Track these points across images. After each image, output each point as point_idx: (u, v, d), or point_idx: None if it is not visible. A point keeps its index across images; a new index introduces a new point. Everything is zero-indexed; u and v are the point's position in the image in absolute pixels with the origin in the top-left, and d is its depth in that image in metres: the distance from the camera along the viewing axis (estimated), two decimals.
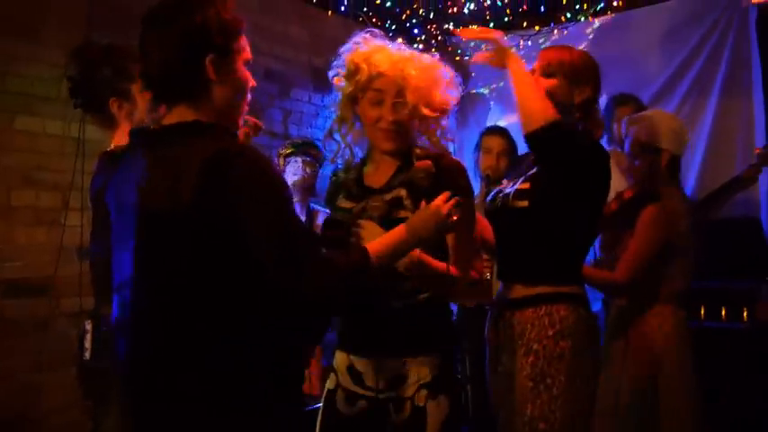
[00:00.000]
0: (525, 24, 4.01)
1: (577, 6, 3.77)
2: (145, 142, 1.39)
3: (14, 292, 2.85)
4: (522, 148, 3.02)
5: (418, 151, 1.75)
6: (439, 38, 4.31)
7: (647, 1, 3.89)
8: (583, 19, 3.96)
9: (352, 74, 1.71)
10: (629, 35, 4.05)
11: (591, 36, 4.05)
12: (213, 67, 1.34)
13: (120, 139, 2.05)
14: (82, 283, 2.94)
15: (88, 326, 1.86)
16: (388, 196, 1.69)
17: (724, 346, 3.17)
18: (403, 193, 1.68)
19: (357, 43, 1.76)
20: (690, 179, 3.87)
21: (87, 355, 1.85)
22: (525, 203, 1.89)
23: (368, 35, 1.78)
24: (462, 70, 4.33)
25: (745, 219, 3.72)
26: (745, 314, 3.34)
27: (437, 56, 1.82)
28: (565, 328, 1.81)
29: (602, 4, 3.79)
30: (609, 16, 3.99)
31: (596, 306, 4.13)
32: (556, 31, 4.04)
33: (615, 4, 3.79)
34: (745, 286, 3.41)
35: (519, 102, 1.87)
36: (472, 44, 4.39)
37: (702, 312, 3.40)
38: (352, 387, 1.71)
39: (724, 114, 3.89)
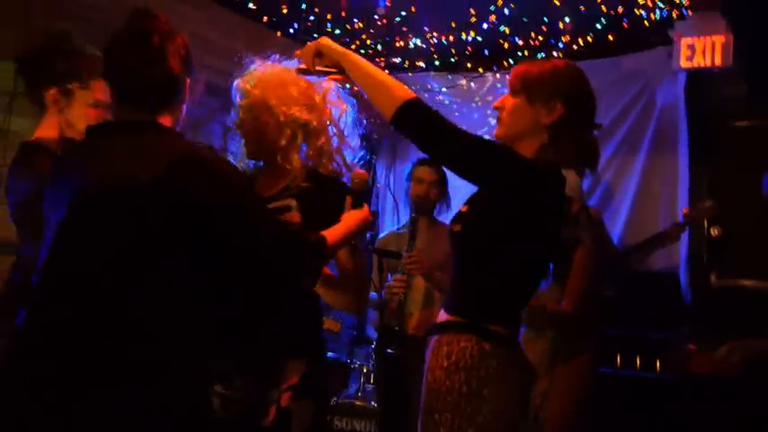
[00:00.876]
0: (470, 66, 4.11)
1: (519, 54, 3.90)
2: (104, 134, 1.49)
3: None
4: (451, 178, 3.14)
5: (322, 171, 1.87)
6: (386, 71, 4.37)
7: (584, 56, 4.04)
8: None
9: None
10: None
11: None
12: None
13: (46, 131, 2.03)
14: None
15: None
16: (275, 204, 1.78)
17: (635, 395, 3.23)
18: (293, 203, 1.79)
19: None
20: (616, 229, 3.99)
21: None
22: (458, 227, 1.71)
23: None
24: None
25: (664, 273, 3.85)
26: (657, 364, 3.44)
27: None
28: (460, 360, 1.57)
29: (542, 54, 3.92)
30: None
31: None
32: (498, 75, 4.16)
33: (555, 54, 3.93)
34: (660, 337, 3.50)
35: (368, 95, 1.65)
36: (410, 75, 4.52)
37: (618, 360, 3.48)
38: (224, 391, 1.72)
39: (651, 170, 4.06)
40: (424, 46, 4.01)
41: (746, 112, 3.88)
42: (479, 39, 3.79)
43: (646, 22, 3.59)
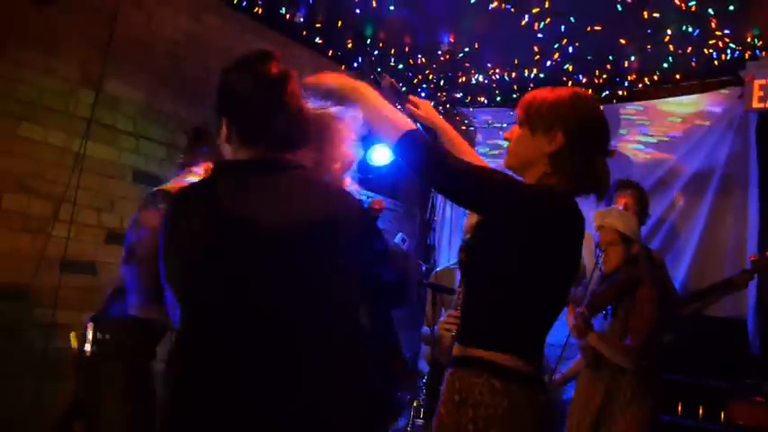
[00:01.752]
0: None
1: (589, 90, 3.86)
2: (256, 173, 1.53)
3: None
4: None
5: None
6: (447, 105, 4.41)
7: (650, 96, 3.99)
8: None
9: None
10: (633, 125, 4.14)
11: None
12: None
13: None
14: (58, 296, 2.99)
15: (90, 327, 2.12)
16: None
17: None
18: None
19: None
20: (680, 272, 3.87)
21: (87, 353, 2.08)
22: (464, 257, 1.69)
23: None
24: (468, 136, 4.46)
25: (732, 320, 3.70)
26: (722, 415, 3.28)
27: None
28: (469, 396, 1.53)
29: (606, 93, 3.88)
30: (614, 105, 4.08)
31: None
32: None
33: (620, 93, 3.88)
34: (724, 387, 3.35)
35: (373, 126, 1.67)
36: (471, 110, 4.52)
37: (680, 408, 3.35)
38: None
39: (718, 212, 3.93)
40: (486, 81, 4.03)
41: None
42: (542, 75, 3.78)
43: (716, 62, 3.51)
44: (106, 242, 3.26)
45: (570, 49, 3.37)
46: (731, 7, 3.08)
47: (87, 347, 2.06)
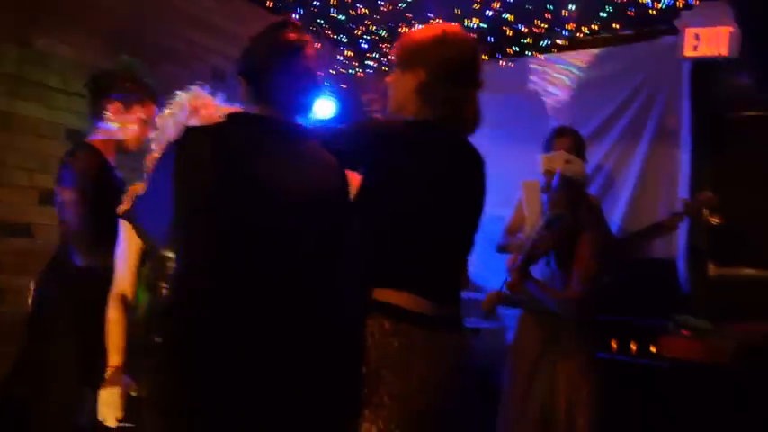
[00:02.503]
0: None
1: (523, 41, 3.90)
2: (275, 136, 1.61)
3: None
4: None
5: None
6: (388, 57, 4.38)
7: (589, 45, 4.04)
8: (528, 53, 4.08)
9: None
10: (570, 74, 4.20)
11: (535, 70, 4.19)
12: None
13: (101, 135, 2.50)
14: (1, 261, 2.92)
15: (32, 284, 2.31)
16: None
17: (631, 380, 3.27)
18: None
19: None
20: (615, 218, 4.01)
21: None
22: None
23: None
24: None
25: (663, 261, 3.87)
26: (653, 350, 3.47)
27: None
28: (366, 339, 1.59)
29: (547, 41, 3.92)
30: (554, 54, 4.13)
31: None
32: (501, 62, 4.16)
33: (559, 42, 3.93)
34: (656, 324, 3.52)
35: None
36: None
37: (614, 345, 3.52)
38: None
39: (652, 159, 4.06)
40: None
41: (751, 102, 3.87)
42: (483, 26, 3.78)
43: (651, 11, 3.57)
44: (39, 203, 3.16)
45: (511, 0, 3.39)
46: None
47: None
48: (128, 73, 2.50)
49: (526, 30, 3.80)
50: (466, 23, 3.74)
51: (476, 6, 3.52)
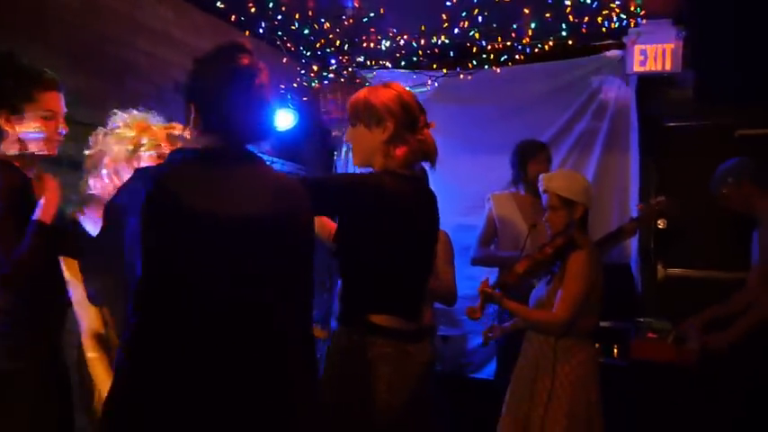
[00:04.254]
0: (435, 66, 4.21)
1: (484, 56, 4.02)
2: (217, 163, 1.55)
3: None
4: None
5: None
6: (350, 69, 4.41)
7: (544, 58, 4.21)
8: (487, 67, 4.21)
9: None
10: (526, 86, 4.37)
11: (494, 83, 4.32)
12: None
13: (6, 149, 2.08)
14: None
15: None
16: None
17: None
18: None
19: None
20: None
21: None
22: (334, 245, 2.05)
23: None
24: None
25: (617, 265, 4.09)
26: (615, 351, 3.67)
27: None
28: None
29: (505, 56, 4.06)
30: (510, 67, 4.28)
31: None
32: (461, 76, 4.27)
33: (517, 57, 4.08)
34: (616, 326, 3.72)
35: None
36: (372, 75, 4.57)
37: None
38: None
39: (604, 169, 4.28)
40: (393, 46, 4.07)
41: (691, 113, 4.16)
42: (447, 41, 3.87)
43: (604, 29, 3.77)
44: None
45: (480, 18, 3.49)
46: None
47: None
48: (6, 73, 2.06)
49: (490, 47, 3.92)
50: (433, 39, 3.82)
51: (444, 25, 3.61)
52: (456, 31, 3.67)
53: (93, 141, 2.20)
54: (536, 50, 3.98)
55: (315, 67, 4.28)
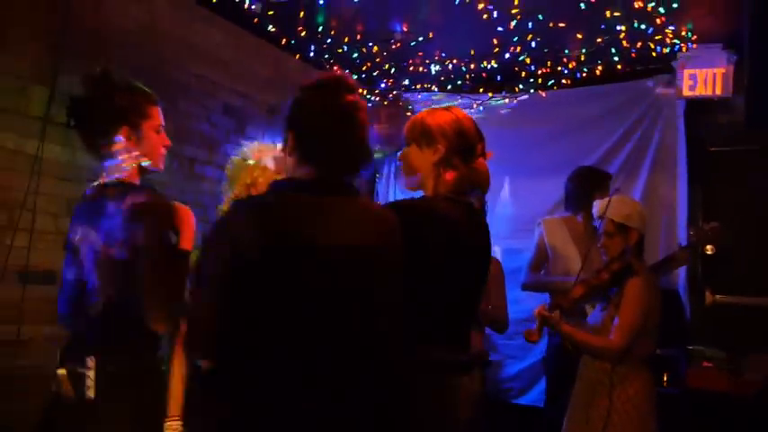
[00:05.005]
0: (481, 90, 4.22)
1: (531, 80, 4.03)
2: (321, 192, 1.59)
3: None
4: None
5: None
6: (395, 92, 4.45)
7: (591, 82, 4.21)
8: (533, 91, 4.21)
9: None
10: (573, 109, 4.36)
11: (540, 107, 4.32)
12: None
13: (114, 172, 2.00)
14: (23, 310, 2.78)
15: (91, 363, 1.74)
16: None
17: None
18: None
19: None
20: None
21: (90, 393, 1.73)
22: None
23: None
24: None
25: (666, 291, 4.02)
26: (665, 379, 3.60)
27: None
28: None
29: (552, 81, 4.06)
30: (556, 91, 4.28)
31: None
32: (507, 99, 4.28)
33: (564, 81, 4.08)
34: (666, 354, 3.66)
35: None
36: (419, 96, 4.60)
37: None
38: None
39: (650, 194, 4.24)
40: (441, 70, 4.09)
41: (740, 138, 4.11)
42: (495, 66, 3.89)
43: (654, 53, 3.75)
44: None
45: (533, 44, 3.50)
46: (675, 5, 3.31)
47: (90, 393, 1.76)
48: (110, 86, 1.99)
49: (540, 71, 3.92)
50: (483, 64, 3.83)
51: (495, 50, 3.62)
52: (507, 55, 3.68)
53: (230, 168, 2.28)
54: (584, 74, 3.96)
55: (361, 90, 4.31)
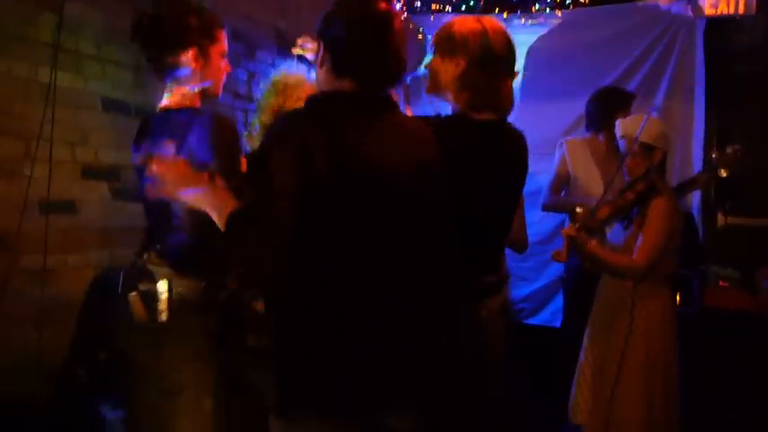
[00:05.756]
0: (497, 10, 4.10)
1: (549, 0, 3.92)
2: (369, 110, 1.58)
3: None
4: None
5: None
6: (405, 15, 4.32)
7: (607, 2, 4.09)
8: (549, 11, 4.10)
9: None
10: (587, 31, 4.25)
11: (554, 27, 4.21)
12: None
13: (177, 94, 1.94)
14: (47, 240, 2.79)
15: (162, 287, 1.77)
16: None
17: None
18: None
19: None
20: None
21: (163, 316, 1.77)
22: None
23: None
24: (422, 48, 4.41)
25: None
26: (678, 298, 3.65)
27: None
28: None
29: (569, 0, 3.95)
30: (572, 11, 4.16)
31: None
32: (523, 20, 4.17)
33: (582, 0, 3.96)
34: (679, 274, 3.70)
35: None
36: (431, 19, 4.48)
37: None
38: None
39: (666, 116, 4.18)
40: None
41: (761, 58, 4.02)
42: None
43: None
44: (82, 178, 3.04)
45: None
46: None
47: (162, 316, 1.79)
48: (183, 6, 1.94)
49: None
50: None
51: None
52: None
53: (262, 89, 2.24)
54: None
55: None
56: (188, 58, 1.89)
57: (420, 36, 4.42)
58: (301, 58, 2.15)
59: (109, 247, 3.13)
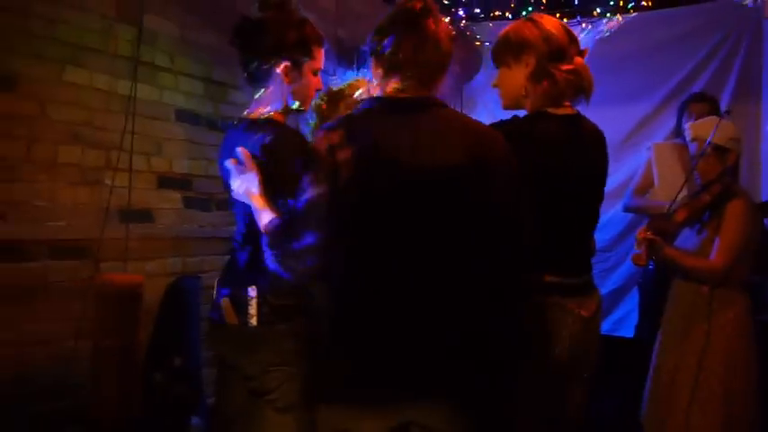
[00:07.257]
0: (558, 15, 4.08)
1: (612, 3, 3.88)
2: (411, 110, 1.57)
3: (58, 253, 2.68)
4: None
5: None
6: (463, 22, 4.34)
7: (669, 4, 4.04)
8: (609, 15, 4.07)
9: None
10: (649, 34, 4.19)
11: (615, 31, 4.17)
12: None
13: (270, 104, 1.90)
14: (127, 248, 2.87)
15: (252, 292, 1.79)
16: None
17: None
18: None
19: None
20: None
21: (253, 321, 1.80)
22: None
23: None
24: (479, 57, 4.41)
25: None
26: None
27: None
28: None
29: (632, 4, 3.91)
30: (631, 15, 4.12)
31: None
32: (583, 24, 4.14)
33: (644, 3, 3.92)
34: (751, 281, 3.59)
35: None
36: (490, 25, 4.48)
37: None
38: None
39: (733, 118, 4.08)
40: None
41: None
42: None
43: None
44: (158, 187, 3.12)
45: None
46: None
47: (253, 321, 1.81)
48: (283, 17, 1.84)
49: None
50: None
51: None
52: None
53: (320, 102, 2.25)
54: None
55: None
56: (281, 70, 1.85)
57: (478, 44, 4.42)
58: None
59: (182, 255, 3.21)
